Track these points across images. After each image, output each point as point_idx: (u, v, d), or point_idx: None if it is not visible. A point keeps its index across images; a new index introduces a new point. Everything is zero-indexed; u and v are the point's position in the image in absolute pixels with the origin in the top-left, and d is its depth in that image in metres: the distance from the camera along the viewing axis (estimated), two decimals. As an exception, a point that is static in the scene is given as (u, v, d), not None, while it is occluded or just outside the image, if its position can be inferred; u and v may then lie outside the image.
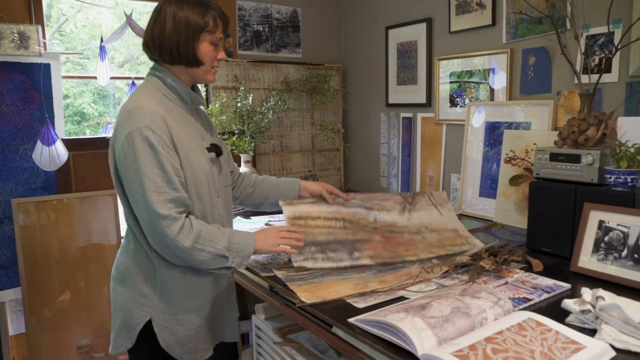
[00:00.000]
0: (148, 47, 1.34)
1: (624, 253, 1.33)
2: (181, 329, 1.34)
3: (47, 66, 2.24)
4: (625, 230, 1.35)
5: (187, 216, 1.26)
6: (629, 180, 1.42)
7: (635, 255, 1.31)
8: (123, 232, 1.97)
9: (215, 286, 1.42)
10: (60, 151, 2.23)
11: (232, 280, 1.55)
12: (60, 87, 2.30)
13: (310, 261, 1.44)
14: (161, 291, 1.32)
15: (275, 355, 1.69)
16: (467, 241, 1.68)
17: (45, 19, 2.33)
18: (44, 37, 2.23)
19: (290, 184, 1.66)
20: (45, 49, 2.24)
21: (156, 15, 1.32)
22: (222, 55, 1.37)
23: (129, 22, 2.39)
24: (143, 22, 2.71)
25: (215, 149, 1.41)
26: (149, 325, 1.31)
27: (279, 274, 1.45)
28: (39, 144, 2.19)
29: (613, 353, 0.96)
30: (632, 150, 1.45)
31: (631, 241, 1.33)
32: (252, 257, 1.66)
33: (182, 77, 1.36)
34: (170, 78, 1.34)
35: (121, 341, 1.35)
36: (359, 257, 1.51)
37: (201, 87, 1.53)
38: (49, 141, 2.20)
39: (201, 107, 1.49)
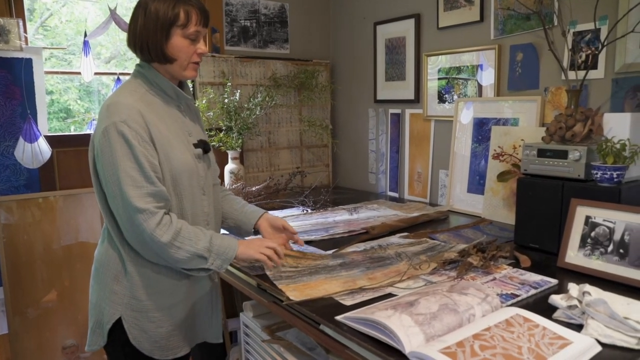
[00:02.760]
0: (128, 44, 1.34)
1: (610, 248, 1.34)
2: (152, 326, 1.32)
3: (28, 61, 2.19)
4: (611, 225, 1.36)
5: (167, 213, 1.25)
6: (614, 175, 1.43)
7: (621, 251, 1.32)
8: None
9: (193, 286, 1.40)
10: (43, 148, 2.19)
11: (217, 282, 1.52)
12: (42, 82, 2.25)
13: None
14: (131, 288, 1.30)
15: (263, 352, 1.68)
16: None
17: (28, 13, 2.28)
18: (25, 31, 2.19)
19: (251, 215, 1.55)
20: (26, 44, 2.20)
21: (133, 12, 1.31)
22: (201, 49, 1.33)
23: (113, 16, 2.35)
24: (128, 17, 2.67)
25: (203, 145, 1.40)
26: (119, 323, 1.30)
27: (268, 272, 1.43)
28: (21, 140, 2.14)
29: (599, 348, 0.97)
30: (617, 146, 1.46)
31: (617, 236, 1.34)
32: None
33: (163, 73, 1.34)
34: (153, 74, 1.33)
35: (95, 339, 1.34)
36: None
37: (188, 83, 1.50)
38: (32, 138, 2.16)
39: (193, 103, 1.46)
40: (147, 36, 1.27)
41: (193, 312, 1.41)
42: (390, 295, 1.25)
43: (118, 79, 2.46)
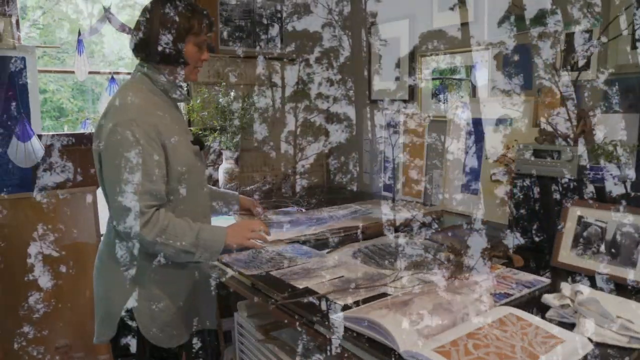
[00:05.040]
0: (136, 47, 1.40)
1: (602, 248, 1.35)
2: (162, 315, 1.37)
3: (21, 60, 2.18)
4: (603, 225, 1.37)
5: (157, 209, 1.28)
6: (607, 176, 1.44)
7: (612, 250, 1.33)
8: (102, 230, 1.95)
9: (195, 274, 1.45)
10: (37, 147, 2.17)
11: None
12: (36, 81, 2.24)
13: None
14: (141, 279, 1.35)
15: (257, 352, 1.68)
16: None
17: (21, 12, 2.27)
18: (18, 29, 2.17)
19: (232, 195, 1.89)
20: (19, 42, 2.18)
21: (144, 16, 1.37)
22: (205, 56, 1.44)
23: (107, 15, 2.34)
24: (122, 15, 2.66)
25: (198, 143, 1.47)
26: (129, 313, 1.34)
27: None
28: (14, 139, 2.13)
29: (591, 346, 0.97)
30: (610, 146, 1.47)
31: (609, 236, 1.35)
32: (233, 255, 1.66)
33: (168, 75, 1.41)
34: (157, 75, 1.39)
35: (104, 330, 1.38)
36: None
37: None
38: (25, 137, 2.15)
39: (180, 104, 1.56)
40: (165, 41, 1.35)
41: (195, 300, 1.47)
42: (384, 294, 1.25)
43: (112, 78, 2.44)
